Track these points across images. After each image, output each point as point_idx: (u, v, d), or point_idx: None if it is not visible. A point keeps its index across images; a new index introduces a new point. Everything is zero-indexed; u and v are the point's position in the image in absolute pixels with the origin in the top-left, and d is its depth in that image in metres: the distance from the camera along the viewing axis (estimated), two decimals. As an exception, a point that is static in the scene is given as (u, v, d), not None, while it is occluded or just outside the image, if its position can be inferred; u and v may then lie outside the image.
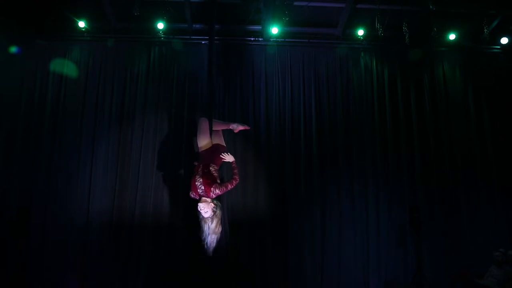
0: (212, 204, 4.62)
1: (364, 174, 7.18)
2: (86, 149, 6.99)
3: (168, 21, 7.02)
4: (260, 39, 7.49)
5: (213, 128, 5.23)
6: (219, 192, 4.65)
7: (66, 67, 7.26)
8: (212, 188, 4.60)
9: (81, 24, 7.17)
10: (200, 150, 5.19)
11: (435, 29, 7.06)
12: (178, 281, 6.57)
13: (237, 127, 5.45)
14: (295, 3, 6.96)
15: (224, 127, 5.54)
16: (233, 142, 6.96)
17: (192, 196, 4.81)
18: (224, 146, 5.30)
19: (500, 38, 7.52)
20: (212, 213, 4.60)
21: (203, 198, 4.64)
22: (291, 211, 6.96)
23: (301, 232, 6.90)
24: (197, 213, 4.69)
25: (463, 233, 7.04)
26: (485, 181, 7.28)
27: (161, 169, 6.97)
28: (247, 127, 5.53)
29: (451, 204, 7.16)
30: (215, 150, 5.07)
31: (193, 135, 6.60)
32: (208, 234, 4.59)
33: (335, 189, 7.09)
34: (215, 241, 4.62)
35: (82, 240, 6.68)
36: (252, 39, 7.51)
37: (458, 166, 7.32)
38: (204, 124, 5.27)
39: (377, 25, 6.83)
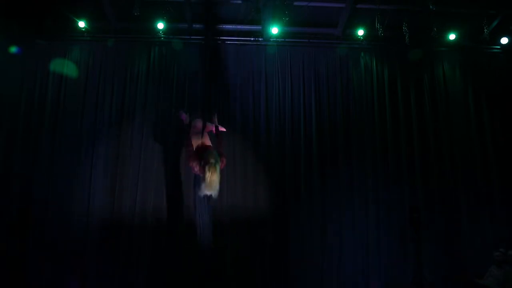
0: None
1: (364, 174, 7.18)
2: (86, 149, 6.98)
3: (168, 21, 7.02)
4: (260, 39, 7.49)
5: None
6: None
7: (66, 67, 7.26)
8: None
9: (81, 24, 7.17)
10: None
11: (435, 29, 7.07)
12: (178, 281, 6.56)
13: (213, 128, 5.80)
14: (295, 3, 6.96)
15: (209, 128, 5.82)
16: (232, 142, 6.98)
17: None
18: (210, 145, 5.58)
19: (500, 38, 7.52)
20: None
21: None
22: (291, 211, 6.96)
23: (301, 232, 6.90)
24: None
25: (463, 233, 7.04)
26: (485, 181, 7.27)
27: (161, 169, 6.96)
28: (223, 129, 5.92)
29: (451, 204, 7.16)
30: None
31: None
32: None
33: (335, 189, 7.09)
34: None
35: (82, 240, 6.67)
36: (252, 39, 7.51)
37: (458, 166, 7.32)
38: (198, 125, 5.53)
39: (377, 25, 6.83)
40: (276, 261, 6.76)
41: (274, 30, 7.19)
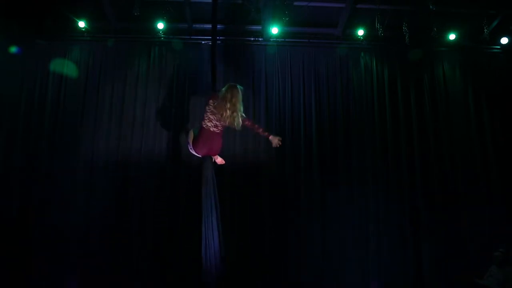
0: None
1: (364, 174, 7.17)
2: (86, 149, 6.99)
3: (168, 21, 7.03)
4: (260, 39, 7.50)
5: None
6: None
7: (66, 67, 7.27)
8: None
9: (81, 24, 7.17)
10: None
11: (435, 29, 7.08)
12: (177, 281, 6.57)
13: None
14: (295, 3, 6.96)
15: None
16: (233, 141, 6.97)
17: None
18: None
19: (500, 38, 7.51)
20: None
21: None
22: (291, 211, 6.95)
23: (301, 233, 6.89)
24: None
25: (463, 233, 7.03)
26: (485, 181, 7.27)
27: (161, 170, 6.97)
28: (222, 162, 5.67)
29: (451, 204, 7.16)
30: None
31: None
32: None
33: (335, 189, 7.08)
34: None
35: (82, 240, 6.67)
36: (252, 39, 7.51)
37: (458, 166, 7.31)
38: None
39: (377, 25, 6.84)
40: (276, 261, 6.76)
41: (274, 30, 7.20)
